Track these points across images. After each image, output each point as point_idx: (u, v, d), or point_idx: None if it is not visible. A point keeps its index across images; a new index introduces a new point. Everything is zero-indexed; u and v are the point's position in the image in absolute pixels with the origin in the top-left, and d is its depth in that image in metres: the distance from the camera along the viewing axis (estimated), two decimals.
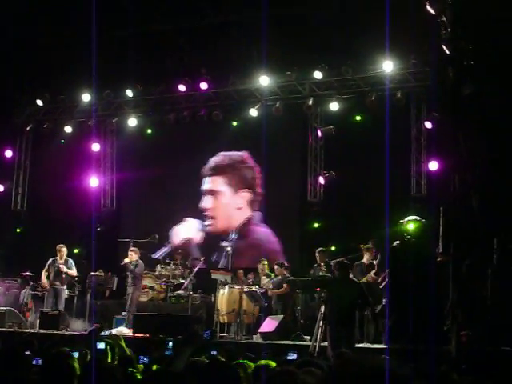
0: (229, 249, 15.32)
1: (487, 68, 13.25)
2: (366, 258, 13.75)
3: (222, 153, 17.57)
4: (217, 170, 17.59)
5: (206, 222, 17.55)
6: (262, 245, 16.82)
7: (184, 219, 17.57)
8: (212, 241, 17.43)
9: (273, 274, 14.66)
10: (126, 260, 15.14)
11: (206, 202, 17.58)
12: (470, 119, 12.83)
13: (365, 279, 13.23)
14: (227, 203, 17.54)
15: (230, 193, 17.50)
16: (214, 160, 17.58)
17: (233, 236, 17.16)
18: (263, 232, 17.08)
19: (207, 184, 17.62)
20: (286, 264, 14.79)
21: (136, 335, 13.20)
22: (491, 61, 13.21)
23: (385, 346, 11.46)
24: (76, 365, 5.06)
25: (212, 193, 17.58)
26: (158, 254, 17.00)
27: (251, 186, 17.38)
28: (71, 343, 10.40)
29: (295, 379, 3.04)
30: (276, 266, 14.61)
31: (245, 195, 17.42)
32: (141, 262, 15.24)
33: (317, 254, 14.22)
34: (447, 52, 12.58)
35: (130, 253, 15.25)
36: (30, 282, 15.78)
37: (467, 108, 12.87)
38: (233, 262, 16.05)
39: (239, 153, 17.49)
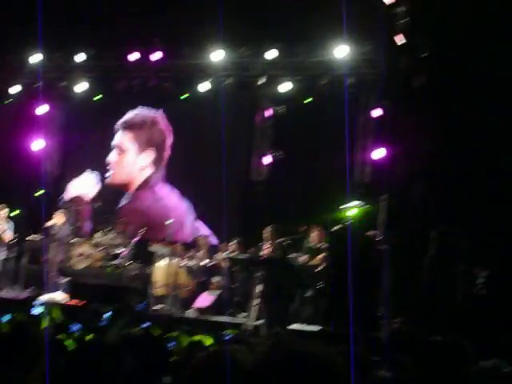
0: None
1: (440, 60, 13.38)
2: (315, 240, 13.72)
3: (134, 110, 17.51)
4: (127, 126, 17.54)
5: (106, 174, 17.51)
6: (149, 211, 16.94)
7: (85, 172, 17.56)
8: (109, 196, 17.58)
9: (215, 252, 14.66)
10: (50, 222, 14.94)
11: (111, 157, 17.52)
12: (419, 110, 12.95)
13: (314, 262, 13.26)
14: (131, 161, 17.52)
15: (136, 151, 17.46)
16: (127, 115, 17.53)
17: (127, 196, 17.35)
18: (166, 192, 17.22)
19: (115, 139, 17.57)
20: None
21: (71, 302, 13.11)
22: (445, 53, 13.34)
23: (318, 328, 11.56)
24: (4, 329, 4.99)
25: (118, 148, 17.51)
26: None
27: (158, 146, 17.38)
28: (4, 307, 10.28)
29: (231, 357, 3.05)
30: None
31: (150, 154, 17.41)
32: (66, 226, 15.06)
33: (267, 231, 14.01)
34: (401, 42, 12.67)
35: (56, 214, 15.05)
36: None
37: (417, 98, 12.99)
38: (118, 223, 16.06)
39: (153, 111, 17.45)
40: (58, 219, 15.02)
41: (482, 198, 13.51)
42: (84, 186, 17.52)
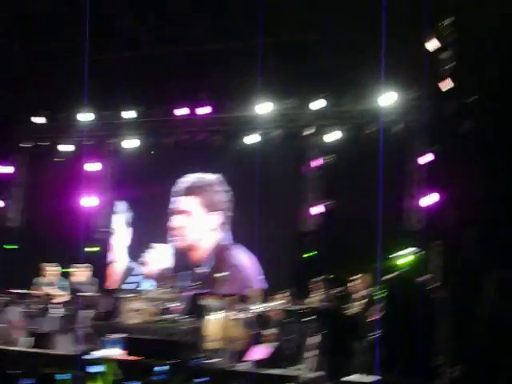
0: (225, 273, 15.28)
1: (489, 105, 13.30)
2: (357, 289, 13.61)
3: (194, 174, 17.59)
4: (191, 190, 17.59)
5: (173, 239, 17.52)
6: (244, 268, 16.91)
7: (152, 245, 17.59)
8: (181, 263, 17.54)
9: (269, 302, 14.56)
10: (76, 279, 14.85)
11: (176, 222, 17.57)
12: (468, 154, 12.86)
13: (368, 311, 13.11)
14: (199, 224, 17.53)
15: (203, 214, 17.47)
16: (187, 180, 17.62)
17: (210, 262, 17.20)
18: (242, 254, 17.14)
19: (179, 203, 17.62)
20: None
21: (128, 358, 13.09)
22: (493, 98, 13.27)
23: (376, 378, 11.38)
24: None
25: (184, 213, 17.56)
26: (129, 286, 16.80)
27: (223, 208, 17.39)
28: (61, 364, 10.32)
29: None
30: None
31: (217, 217, 17.42)
32: (92, 281, 14.95)
33: (315, 284, 13.96)
34: (447, 87, 12.64)
35: (82, 270, 14.95)
36: (21, 299, 15.62)
37: (466, 143, 12.92)
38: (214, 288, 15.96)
39: (214, 175, 17.51)
40: (81, 275, 14.95)
41: None
42: (165, 257, 17.60)
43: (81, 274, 15.14)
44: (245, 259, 17.11)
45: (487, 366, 11.43)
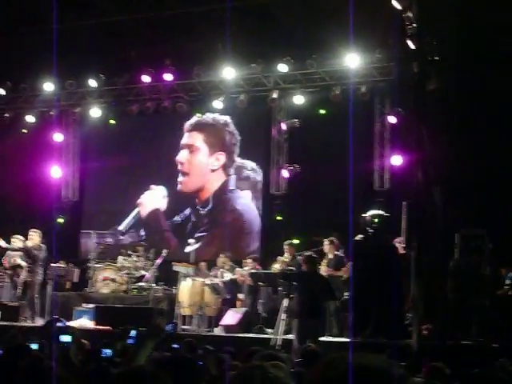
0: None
1: (452, 64, 13.34)
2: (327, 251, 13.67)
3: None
4: (198, 126, 17.50)
5: (179, 178, 17.44)
6: (244, 214, 17.02)
7: (150, 187, 17.52)
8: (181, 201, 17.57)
9: (237, 268, 14.60)
10: (29, 243, 14.63)
11: (182, 156, 17.46)
12: (433, 114, 12.89)
13: (338, 273, 13.15)
14: (202, 161, 17.42)
15: (207, 151, 17.38)
16: (196, 117, 17.56)
17: (210, 205, 17.29)
18: (244, 199, 17.19)
19: (186, 138, 17.55)
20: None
21: (98, 327, 13.09)
22: (456, 57, 13.31)
23: (347, 340, 11.48)
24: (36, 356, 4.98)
25: (189, 147, 17.47)
26: (122, 226, 16.83)
27: (229, 150, 17.29)
28: (31, 335, 10.26)
29: (265, 373, 2.97)
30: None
31: (221, 158, 17.31)
32: (44, 246, 14.75)
33: (286, 247, 14.01)
34: (412, 47, 12.61)
35: (32, 235, 14.71)
36: None
37: (431, 103, 12.94)
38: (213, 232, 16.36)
39: (223, 116, 17.37)
40: (35, 239, 14.76)
41: (501, 200, 13.47)
42: (158, 199, 17.57)
43: (34, 238, 14.86)
44: (246, 204, 17.18)
45: (455, 323, 11.59)
